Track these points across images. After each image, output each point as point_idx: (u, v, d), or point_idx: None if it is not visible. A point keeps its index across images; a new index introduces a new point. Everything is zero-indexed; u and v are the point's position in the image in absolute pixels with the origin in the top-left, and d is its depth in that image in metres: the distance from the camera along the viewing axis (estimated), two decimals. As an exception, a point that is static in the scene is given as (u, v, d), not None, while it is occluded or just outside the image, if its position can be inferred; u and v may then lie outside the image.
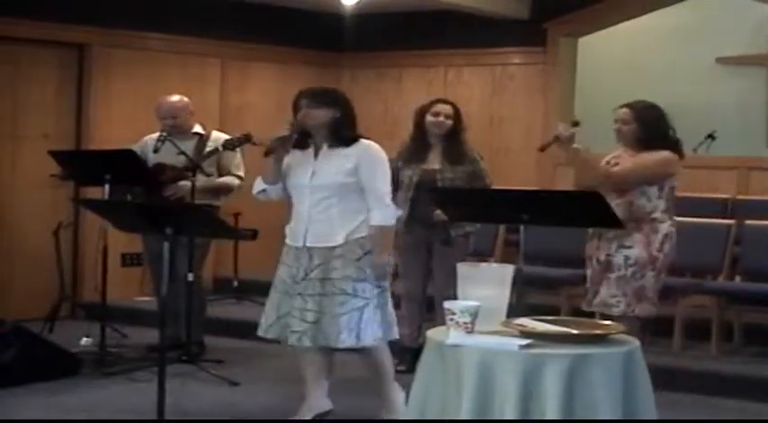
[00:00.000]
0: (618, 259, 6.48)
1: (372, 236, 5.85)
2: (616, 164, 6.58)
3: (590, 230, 6.63)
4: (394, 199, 6.12)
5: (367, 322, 5.84)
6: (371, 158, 5.90)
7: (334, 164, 5.87)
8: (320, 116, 5.89)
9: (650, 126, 6.59)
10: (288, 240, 6.02)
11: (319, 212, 5.86)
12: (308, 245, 5.87)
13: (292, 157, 5.98)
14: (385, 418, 6.15)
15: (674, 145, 6.65)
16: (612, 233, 6.48)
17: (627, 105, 6.65)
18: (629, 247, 6.47)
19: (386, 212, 5.89)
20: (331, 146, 5.92)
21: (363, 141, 5.94)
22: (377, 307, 5.90)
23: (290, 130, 5.92)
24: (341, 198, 5.85)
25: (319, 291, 5.81)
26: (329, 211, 5.86)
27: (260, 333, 6.15)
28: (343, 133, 5.92)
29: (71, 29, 9.39)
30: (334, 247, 5.83)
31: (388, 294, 6.02)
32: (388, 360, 6.14)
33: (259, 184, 6.07)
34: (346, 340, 5.81)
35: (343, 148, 5.89)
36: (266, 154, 5.95)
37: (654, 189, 6.54)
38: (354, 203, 5.87)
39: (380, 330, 5.93)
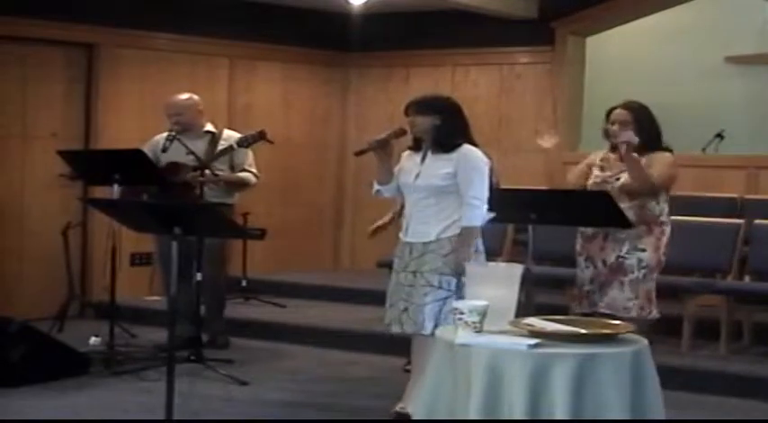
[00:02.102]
0: (631, 261, 6.52)
1: (459, 235, 6.06)
2: (616, 175, 6.56)
3: (589, 230, 6.65)
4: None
5: (447, 313, 5.98)
6: (469, 164, 6.10)
7: (435, 168, 6.14)
8: (421, 123, 6.19)
9: (648, 127, 6.64)
10: (400, 233, 6.34)
11: (419, 211, 6.18)
12: (407, 240, 6.20)
13: (408, 159, 6.32)
14: (398, 410, 6.18)
15: (665, 144, 6.70)
16: (624, 234, 6.50)
17: (624, 106, 6.69)
18: (643, 250, 6.53)
19: (471, 214, 6.06)
20: (434, 152, 6.18)
21: (465, 147, 6.15)
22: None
23: (389, 134, 6.24)
24: (438, 199, 6.13)
25: (411, 282, 6.11)
26: (427, 210, 6.15)
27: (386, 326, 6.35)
28: (444, 140, 6.16)
29: (80, 29, 9.40)
30: (427, 243, 6.11)
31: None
32: None
33: (375, 185, 6.37)
34: (429, 328, 6.03)
35: (445, 154, 6.13)
36: (357, 154, 6.31)
37: (663, 192, 6.58)
38: (451, 205, 6.11)
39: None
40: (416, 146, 6.27)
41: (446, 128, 6.17)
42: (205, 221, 5.81)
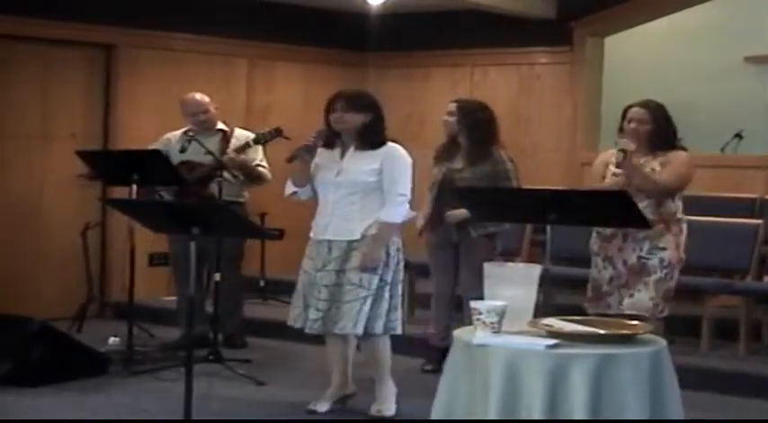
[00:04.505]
0: (653, 261, 6.54)
1: (376, 229, 6.11)
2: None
3: (607, 230, 6.64)
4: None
5: (369, 313, 6.11)
6: (395, 161, 6.17)
7: (360, 164, 6.14)
8: (353, 120, 6.16)
9: (665, 126, 6.66)
10: (311, 234, 6.31)
11: (341, 208, 6.16)
12: (328, 238, 6.18)
13: (320, 157, 6.27)
14: (374, 414, 6.33)
15: (680, 143, 6.72)
16: (643, 234, 6.50)
17: (642, 105, 6.70)
18: (663, 249, 6.55)
19: (393, 210, 6.13)
20: (358, 148, 6.19)
21: (390, 144, 6.21)
22: (379, 299, 6.14)
23: (316, 138, 6.20)
24: (363, 196, 6.14)
25: (334, 281, 6.12)
26: (351, 207, 6.15)
27: (290, 322, 6.41)
28: (372, 137, 6.19)
29: (99, 29, 9.42)
30: (351, 242, 6.12)
31: (391, 288, 6.19)
32: (385, 354, 6.38)
33: (290, 187, 6.35)
34: (346, 328, 6.11)
35: (370, 150, 6.16)
36: (289, 160, 6.25)
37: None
38: (375, 202, 6.14)
39: (380, 322, 6.16)
40: (330, 143, 6.24)
41: (375, 125, 6.18)
42: (223, 221, 5.82)
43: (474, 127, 7.38)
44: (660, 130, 6.63)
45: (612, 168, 6.71)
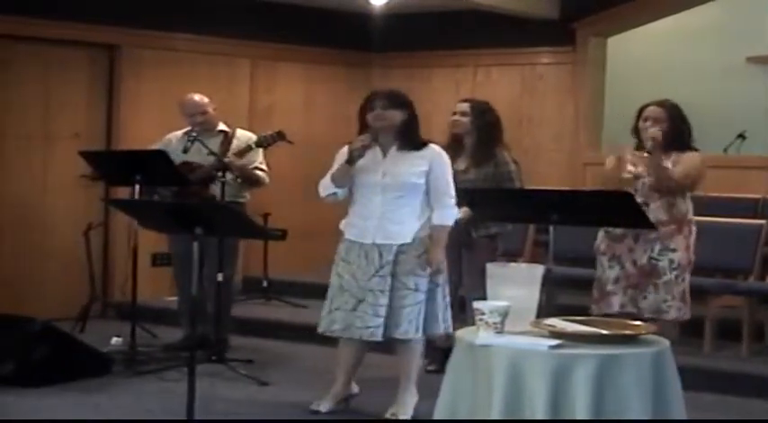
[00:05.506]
0: (663, 263, 6.55)
1: (432, 234, 6.11)
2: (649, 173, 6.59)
3: (617, 230, 6.65)
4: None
5: (424, 315, 6.13)
6: (442, 163, 6.17)
7: (406, 164, 6.11)
8: (394, 117, 6.13)
9: (680, 125, 6.67)
10: (351, 236, 6.26)
11: (391, 211, 6.11)
12: (377, 242, 6.12)
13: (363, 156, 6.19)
14: (389, 417, 6.28)
15: (694, 143, 6.75)
16: (654, 234, 6.49)
17: (658, 104, 6.70)
18: (674, 250, 6.56)
19: (446, 213, 6.14)
20: (400, 148, 6.15)
21: (433, 146, 6.20)
22: (429, 301, 6.16)
23: (371, 137, 6.12)
24: (411, 198, 6.10)
25: (389, 286, 6.06)
26: (401, 209, 6.10)
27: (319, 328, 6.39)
28: (413, 136, 6.17)
29: (101, 30, 9.42)
30: (402, 245, 6.09)
31: (441, 289, 6.24)
32: (418, 357, 6.34)
33: (329, 188, 6.29)
34: (408, 332, 6.09)
35: (415, 151, 6.13)
36: (350, 162, 6.14)
37: (687, 191, 6.61)
38: (420, 203, 6.12)
39: (435, 324, 6.20)
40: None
41: (414, 124, 6.19)
42: (226, 221, 5.81)
43: (484, 127, 7.41)
44: (676, 130, 6.65)
45: (630, 167, 6.70)
